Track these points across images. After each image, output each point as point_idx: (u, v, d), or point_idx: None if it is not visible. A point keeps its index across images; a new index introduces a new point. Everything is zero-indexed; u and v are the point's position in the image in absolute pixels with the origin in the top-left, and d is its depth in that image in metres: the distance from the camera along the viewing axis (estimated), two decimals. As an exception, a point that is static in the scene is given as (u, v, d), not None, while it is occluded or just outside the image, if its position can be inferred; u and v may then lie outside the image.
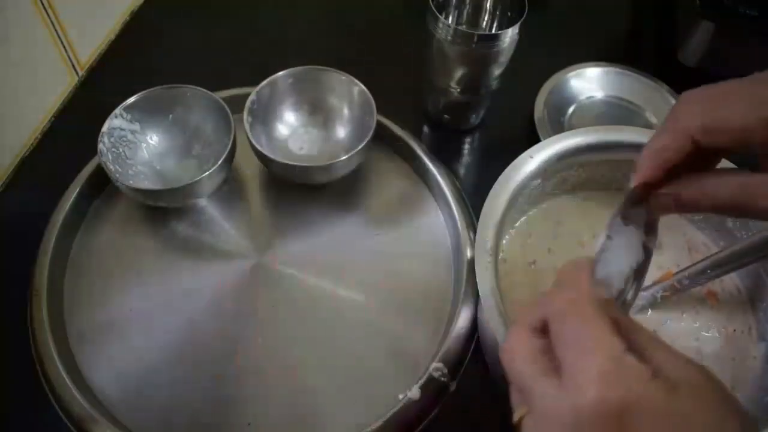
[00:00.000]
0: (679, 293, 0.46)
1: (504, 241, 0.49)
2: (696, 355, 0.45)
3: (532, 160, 0.48)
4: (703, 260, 0.45)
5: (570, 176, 0.51)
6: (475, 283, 0.42)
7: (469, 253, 0.51)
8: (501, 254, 0.47)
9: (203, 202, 0.56)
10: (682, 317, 0.47)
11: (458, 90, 0.57)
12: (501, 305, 0.41)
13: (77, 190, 0.54)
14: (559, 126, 0.60)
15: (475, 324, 0.48)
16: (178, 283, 0.51)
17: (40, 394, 0.45)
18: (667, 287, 0.46)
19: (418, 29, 0.55)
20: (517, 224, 0.51)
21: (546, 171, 0.48)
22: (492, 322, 0.40)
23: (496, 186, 0.46)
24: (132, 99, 0.54)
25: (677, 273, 0.46)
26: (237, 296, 0.51)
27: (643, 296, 0.47)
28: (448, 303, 0.51)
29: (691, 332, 0.46)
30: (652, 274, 0.49)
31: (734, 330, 0.46)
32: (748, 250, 0.42)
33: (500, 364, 0.28)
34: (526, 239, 0.50)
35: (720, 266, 0.44)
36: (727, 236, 0.49)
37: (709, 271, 0.44)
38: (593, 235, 0.51)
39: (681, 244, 0.50)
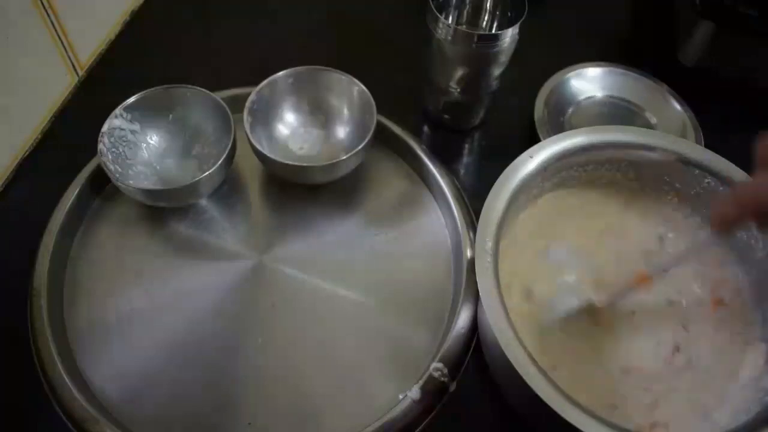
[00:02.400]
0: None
1: (504, 241, 0.49)
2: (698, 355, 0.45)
3: (532, 160, 0.48)
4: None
5: (570, 176, 0.51)
6: (475, 283, 0.42)
7: (469, 253, 0.51)
8: (501, 254, 0.47)
9: (203, 202, 0.56)
10: (683, 317, 0.47)
11: (458, 90, 0.57)
12: (501, 305, 0.41)
13: (77, 190, 0.54)
14: (559, 126, 0.60)
15: (475, 324, 0.48)
16: (178, 283, 0.51)
17: (40, 395, 0.45)
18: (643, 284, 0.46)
19: (418, 29, 0.55)
20: (517, 224, 0.51)
21: (546, 171, 0.48)
22: (492, 322, 0.40)
23: (496, 186, 0.46)
24: (132, 99, 0.54)
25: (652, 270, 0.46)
26: (237, 296, 0.51)
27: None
28: (448, 303, 0.51)
29: (692, 331, 0.46)
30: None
31: (734, 329, 0.46)
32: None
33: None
34: (526, 239, 0.50)
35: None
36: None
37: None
38: (593, 234, 0.51)
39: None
